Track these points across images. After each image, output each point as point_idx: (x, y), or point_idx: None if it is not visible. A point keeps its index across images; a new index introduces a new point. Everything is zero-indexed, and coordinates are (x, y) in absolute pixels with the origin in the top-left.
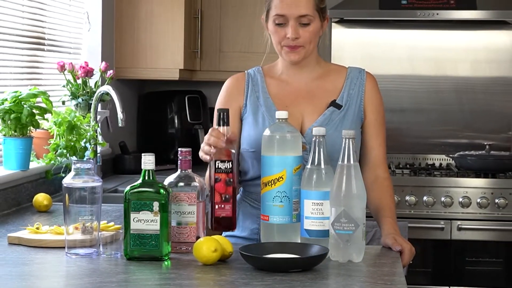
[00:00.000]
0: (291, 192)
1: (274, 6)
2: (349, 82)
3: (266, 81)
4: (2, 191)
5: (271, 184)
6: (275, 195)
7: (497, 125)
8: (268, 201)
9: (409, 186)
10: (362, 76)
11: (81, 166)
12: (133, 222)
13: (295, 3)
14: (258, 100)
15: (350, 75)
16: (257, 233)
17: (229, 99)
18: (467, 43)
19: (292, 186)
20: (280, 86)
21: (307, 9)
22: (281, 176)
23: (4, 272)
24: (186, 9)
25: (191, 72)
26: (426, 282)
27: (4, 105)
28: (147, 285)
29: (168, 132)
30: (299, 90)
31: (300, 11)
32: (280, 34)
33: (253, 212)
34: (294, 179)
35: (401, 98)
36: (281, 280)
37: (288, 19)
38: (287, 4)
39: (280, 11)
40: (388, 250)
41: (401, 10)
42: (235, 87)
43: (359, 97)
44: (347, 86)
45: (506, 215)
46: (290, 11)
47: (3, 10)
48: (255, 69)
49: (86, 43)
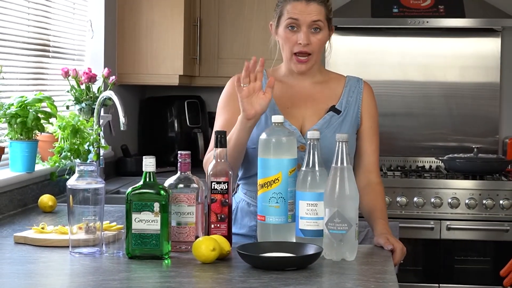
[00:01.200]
0: (286, 194)
1: (287, 12)
2: (348, 90)
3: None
4: (9, 192)
5: (267, 185)
6: (271, 196)
7: (485, 129)
8: (265, 202)
9: (400, 187)
10: (360, 85)
11: (84, 168)
12: (135, 222)
13: (308, 10)
14: None
15: (349, 83)
16: (255, 230)
17: (232, 97)
18: (456, 50)
19: (287, 188)
20: (283, 89)
21: (319, 16)
22: (277, 178)
23: (10, 270)
24: (185, 17)
25: (190, 78)
26: (417, 280)
27: (10, 110)
28: (148, 282)
29: (168, 136)
30: (301, 94)
31: (313, 17)
32: (292, 40)
33: (252, 210)
34: (289, 181)
35: (392, 103)
36: (277, 278)
37: (301, 25)
38: (301, 10)
39: (294, 15)
40: (380, 249)
41: (393, 18)
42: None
43: (357, 105)
44: (345, 94)
45: (493, 216)
46: (303, 16)
47: (9, 18)
48: None
49: (90, 50)
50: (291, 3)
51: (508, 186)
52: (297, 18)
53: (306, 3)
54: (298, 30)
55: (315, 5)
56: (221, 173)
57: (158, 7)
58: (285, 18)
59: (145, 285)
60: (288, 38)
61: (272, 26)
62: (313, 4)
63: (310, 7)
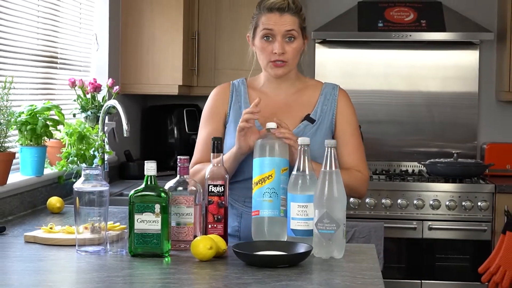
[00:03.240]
0: (279, 189)
1: (262, 23)
2: (323, 97)
3: (248, 92)
4: (19, 194)
5: (262, 182)
6: (265, 191)
7: (464, 135)
8: (259, 197)
9: (385, 190)
10: (335, 92)
11: (90, 172)
12: (137, 223)
13: (282, 20)
14: (240, 110)
15: (324, 90)
16: (237, 231)
17: (215, 106)
18: (437, 62)
19: (280, 184)
20: (261, 98)
21: (293, 25)
22: (270, 175)
23: (21, 267)
24: (184, 31)
25: (189, 88)
26: (400, 277)
27: (21, 118)
28: (150, 279)
29: (168, 142)
30: (277, 103)
31: (286, 27)
32: (268, 49)
33: (234, 212)
34: (282, 179)
35: (378, 111)
36: (270, 275)
37: (275, 35)
38: (275, 21)
39: (268, 26)
40: (366, 248)
41: (378, 32)
42: (221, 96)
43: (331, 112)
44: (321, 102)
45: (472, 216)
46: (277, 27)
47: (20, 32)
48: (240, 80)
49: (95, 61)
50: (265, 15)
51: (486, 189)
52: (271, 29)
53: (279, 14)
54: (273, 40)
55: (289, 16)
56: (218, 177)
57: (159, 21)
58: (261, 29)
59: (147, 281)
60: (264, 48)
61: (249, 38)
62: (287, 15)
63: (283, 18)
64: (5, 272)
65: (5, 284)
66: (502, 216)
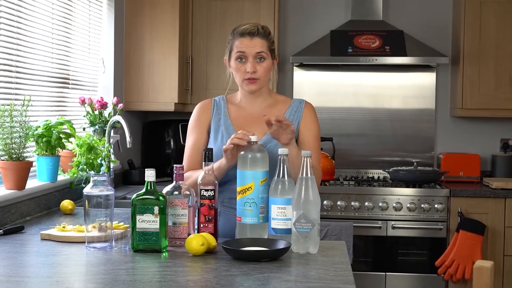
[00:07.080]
0: (258, 199)
1: (235, 46)
2: (290, 110)
3: (227, 106)
4: (36, 198)
5: (243, 192)
6: (246, 201)
7: (423, 146)
8: (241, 205)
9: (354, 194)
10: (301, 105)
11: (97, 179)
12: (139, 222)
13: (253, 43)
14: (220, 121)
15: (292, 105)
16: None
17: (198, 119)
18: (399, 82)
19: (259, 195)
20: (238, 111)
21: (262, 47)
22: (250, 187)
23: (38, 261)
24: (179, 56)
25: (183, 105)
26: (367, 269)
27: (37, 131)
28: (150, 271)
29: (165, 152)
30: (252, 115)
31: (257, 49)
32: (241, 69)
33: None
34: (260, 189)
35: (347, 125)
36: (254, 268)
37: (247, 56)
38: (246, 44)
39: (241, 49)
40: (337, 244)
41: (348, 56)
42: (204, 110)
43: (297, 121)
44: (288, 113)
45: (430, 217)
46: (249, 49)
47: (37, 56)
48: (220, 97)
49: (102, 82)
50: (238, 39)
51: (442, 193)
52: (244, 51)
53: (250, 38)
54: (246, 61)
55: (258, 39)
56: (209, 182)
57: (158, 48)
58: (235, 52)
59: (147, 273)
60: (239, 68)
61: (226, 60)
62: (256, 39)
63: (254, 41)
64: (24, 265)
65: (24, 276)
66: (456, 216)
